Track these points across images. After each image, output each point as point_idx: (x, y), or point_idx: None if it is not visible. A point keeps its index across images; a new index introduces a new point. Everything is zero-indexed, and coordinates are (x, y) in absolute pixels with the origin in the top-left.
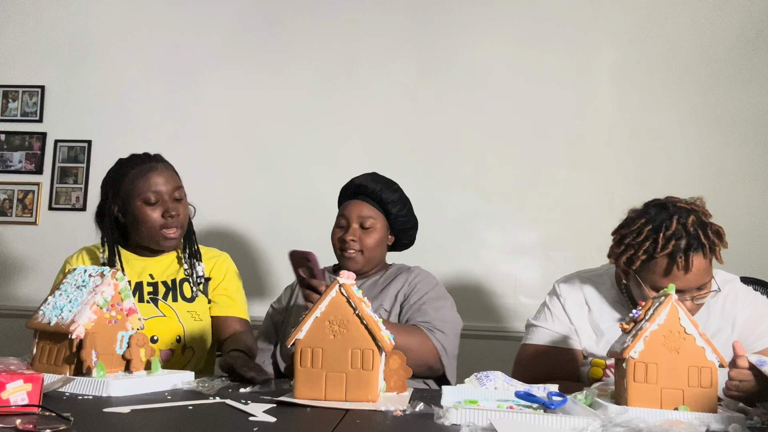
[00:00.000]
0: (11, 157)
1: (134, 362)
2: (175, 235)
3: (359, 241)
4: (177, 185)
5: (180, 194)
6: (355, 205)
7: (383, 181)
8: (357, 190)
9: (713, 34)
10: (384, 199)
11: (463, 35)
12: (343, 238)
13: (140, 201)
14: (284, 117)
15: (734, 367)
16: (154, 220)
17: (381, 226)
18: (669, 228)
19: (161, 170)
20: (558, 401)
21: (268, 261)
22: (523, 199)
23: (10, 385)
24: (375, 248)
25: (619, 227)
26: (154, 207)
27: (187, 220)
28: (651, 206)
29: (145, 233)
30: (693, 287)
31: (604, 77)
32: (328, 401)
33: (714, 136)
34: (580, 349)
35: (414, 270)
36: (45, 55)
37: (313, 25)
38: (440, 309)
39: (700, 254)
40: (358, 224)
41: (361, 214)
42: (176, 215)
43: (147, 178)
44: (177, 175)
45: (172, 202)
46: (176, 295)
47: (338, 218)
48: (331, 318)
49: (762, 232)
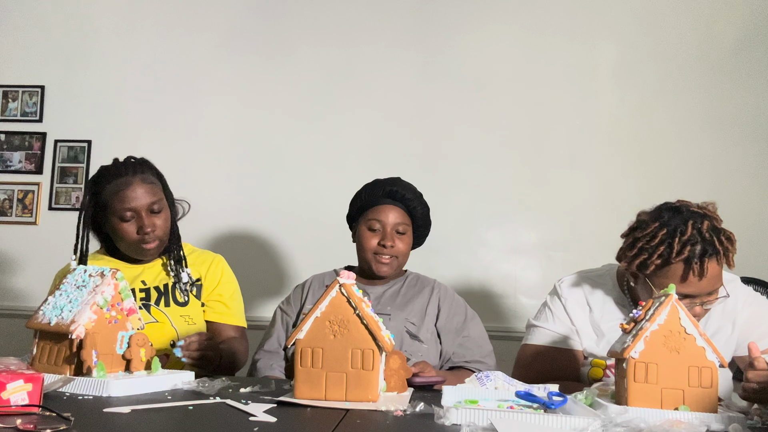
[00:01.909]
0: (11, 157)
1: (134, 362)
2: (153, 246)
3: (396, 247)
4: (152, 200)
5: (159, 206)
6: (391, 211)
7: (414, 191)
8: (389, 194)
9: (713, 34)
10: (416, 209)
11: (463, 35)
12: (383, 243)
13: (116, 218)
14: (284, 117)
15: (751, 369)
16: (130, 235)
17: (410, 232)
18: (684, 233)
19: (135, 186)
20: (558, 401)
21: (268, 260)
22: (523, 199)
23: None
24: (407, 254)
25: (631, 230)
26: (130, 223)
27: (166, 230)
28: (664, 210)
29: (124, 247)
30: (705, 293)
31: (604, 77)
32: (329, 401)
33: (714, 136)
34: (580, 350)
35: (437, 288)
36: (45, 55)
37: (313, 26)
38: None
39: (714, 260)
40: (394, 230)
41: (397, 220)
42: (151, 231)
43: (121, 195)
44: (156, 184)
45: (149, 217)
46: (168, 300)
47: (370, 222)
48: (331, 318)
49: (762, 232)
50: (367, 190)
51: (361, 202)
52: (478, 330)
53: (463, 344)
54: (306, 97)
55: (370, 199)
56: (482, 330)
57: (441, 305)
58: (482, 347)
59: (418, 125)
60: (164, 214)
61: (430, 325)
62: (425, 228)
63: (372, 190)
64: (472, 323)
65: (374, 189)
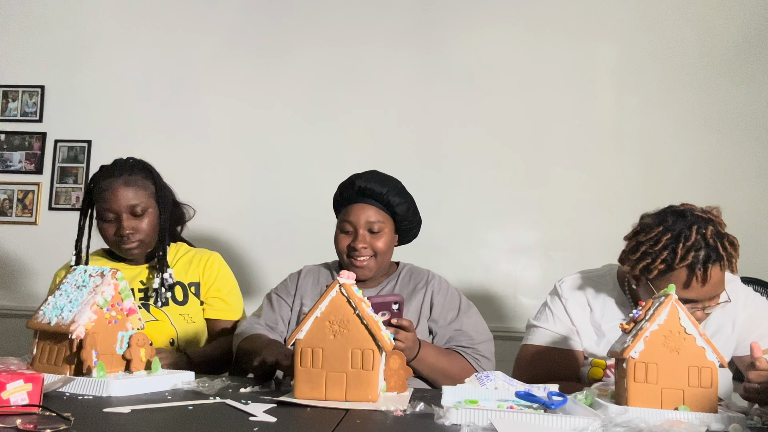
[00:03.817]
0: (11, 157)
1: (134, 362)
2: (131, 247)
3: (369, 246)
4: (134, 203)
5: (141, 208)
6: (362, 210)
7: (388, 183)
8: (360, 192)
9: (713, 34)
10: (391, 202)
11: (463, 35)
12: (353, 246)
13: (99, 218)
14: (284, 117)
15: (753, 369)
16: (110, 236)
17: (389, 229)
18: (689, 239)
19: (117, 188)
20: (558, 401)
21: (269, 260)
22: (523, 199)
23: (11, 385)
24: (386, 252)
25: (635, 233)
26: (110, 224)
27: (150, 233)
28: (668, 214)
29: (108, 245)
30: (707, 298)
31: (604, 77)
32: (329, 401)
33: (714, 136)
34: (580, 350)
35: (430, 283)
36: (45, 55)
37: (313, 26)
38: (477, 325)
39: (717, 266)
40: (366, 230)
41: (369, 219)
42: (129, 233)
43: (104, 196)
44: (143, 187)
45: (128, 219)
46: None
47: (342, 223)
48: (331, 318)
49: (762, 232)
50: (340, 189)
51: (336, 202)
52: (473, 321)
53: (454, 337)
54: (306, 96)
55: (342, 198)
56: (478, 320)
57: (434, 300)
58: (473, 338)
59: (418, 125)
60: (148, 217)
61: (424, 325)
62: (410, 221)
63: (344, 189)
64: (466, 315)
65: (346, 188)
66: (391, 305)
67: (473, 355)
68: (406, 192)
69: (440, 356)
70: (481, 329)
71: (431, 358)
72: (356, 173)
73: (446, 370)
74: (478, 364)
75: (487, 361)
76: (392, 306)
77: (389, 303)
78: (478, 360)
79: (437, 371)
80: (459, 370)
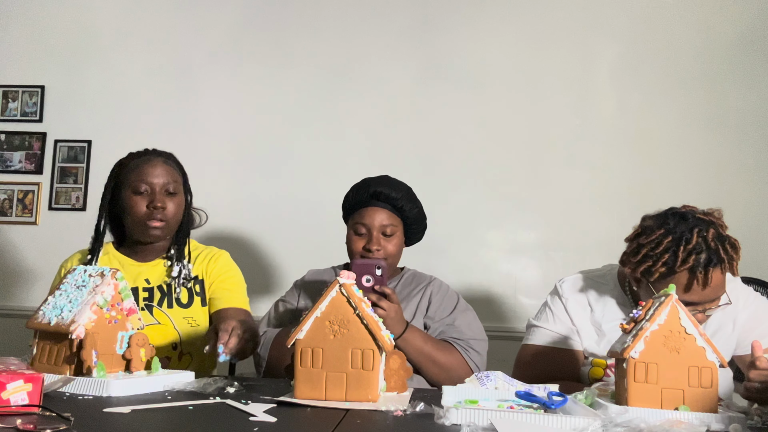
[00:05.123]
0: (11, 157)
1: (134, 362)
2: (159, 226)
3: (383, 249)
4: (171, 180)
5: (175, 188)
6: (376, 213)
7: (401, 188)
8: (375, 195)
9: (713, 34)
10: (403, 207)
11: (463, 35)
12: (368, 247)
13: (130, 190)
14: (284, 117)
15: (753, 368)
16: (140, 210)
17: (400, 232)
18: (690, 241)
19: (156, 163)
20: (558, 401)
21: (269, 260)
22: (523, 199)
23: (11, 385)
24: (397, 255)
25: (636, 235)
26: (143, 197)
27: (177, 216)
28: (670, 216)
29: (130, 223)
30: (707, 300)
31: (604, 77)
32: (329, 401)
33: (714, 136)
34: (580, 350)
35: (431, 285)
36: (45, 55)
37: (313, 26)
38: (471, 323)
39: (718, 269)
40: (380, 232)
41: (383, 222)
42: (161, 207)
43: (140, 169)
44: (177, 171)
45: (161, 195)
46: (171, 300)
47: (356, 225)
48: (331, 318)
49: (762, 232)
50: (354, 192)
51: (349, 204)
52: (467, 320)
53: (446, 330)
54: (306, 97)
55: (356, 201)
56: (473, 321)
57: (432, 299)
58: (465, 332)
59: (417, 125)
60: (178, 200)
61: (420, 321)
62: (418, 225)
63: (357, 192)
64: (462, 314)
65: (359, 191)
66: (374, 268)
67: (464, 347)
68: (416, 197)
69: (428, 341)
70: (475, 328)
71: (418, 340)
72: (369, 177)
73: (433, 355)
74: (468, 356)
75: (478, 356)
76: (375, 270)
77: (372, 266)
78: (468, 351)
79: (424, 356)
80: (447, 359)
